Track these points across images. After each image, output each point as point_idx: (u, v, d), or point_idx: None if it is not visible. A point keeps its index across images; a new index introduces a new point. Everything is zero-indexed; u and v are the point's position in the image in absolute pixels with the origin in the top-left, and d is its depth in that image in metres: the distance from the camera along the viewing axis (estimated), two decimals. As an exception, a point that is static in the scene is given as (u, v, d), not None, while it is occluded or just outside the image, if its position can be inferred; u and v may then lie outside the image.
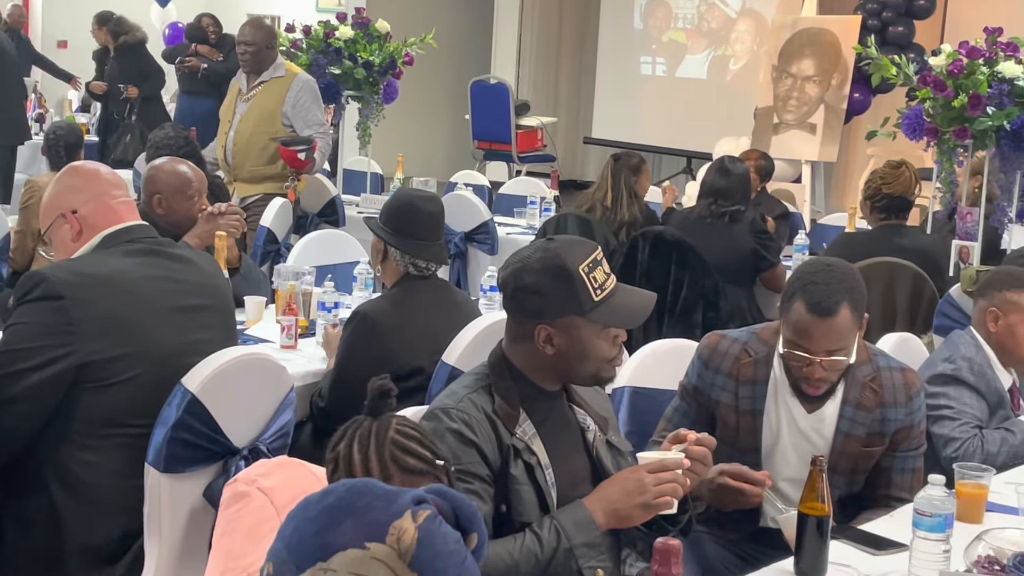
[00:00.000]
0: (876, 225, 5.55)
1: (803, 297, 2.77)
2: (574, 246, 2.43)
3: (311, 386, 3.67)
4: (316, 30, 7.75)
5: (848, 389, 2.89)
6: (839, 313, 2.74)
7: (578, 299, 2.37)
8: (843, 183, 11.38)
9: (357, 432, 1.90)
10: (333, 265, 4.92)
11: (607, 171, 6.26)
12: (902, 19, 9.84)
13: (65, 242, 2.90)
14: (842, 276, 2.81)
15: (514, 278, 2.41)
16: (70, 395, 2.69)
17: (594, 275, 2.39)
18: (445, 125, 13.77)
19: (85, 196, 2.89)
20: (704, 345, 3.04)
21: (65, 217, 2.88)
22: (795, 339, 2.79)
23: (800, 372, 2.83)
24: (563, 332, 2.39)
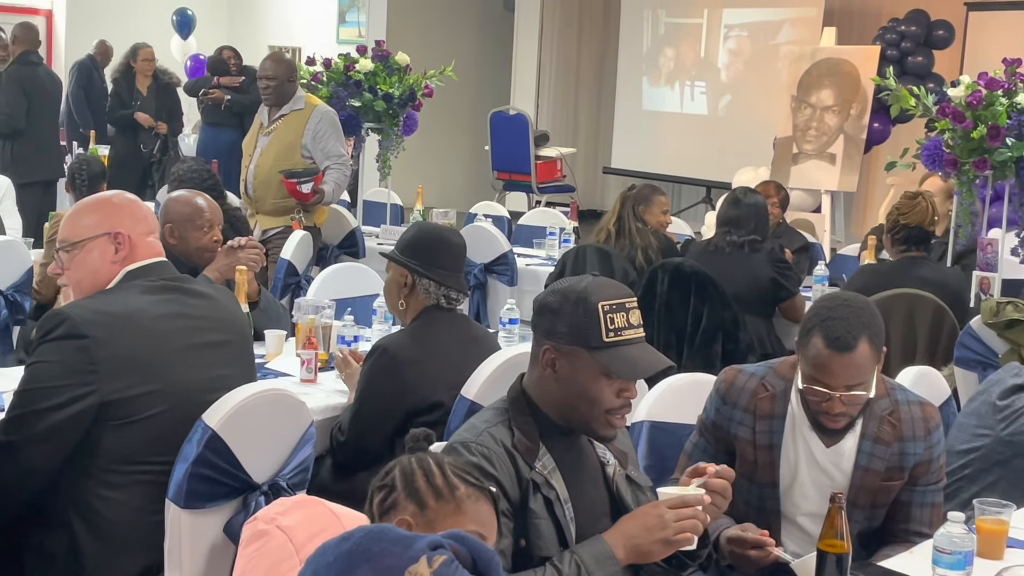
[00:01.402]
0: (897, 257, 5.55)
1: (821, 332, 2.77)
2: (607, 285, 2.46)
3: (331, 420, 3.67)
4: (336, 63, 7.80)
5: (867, 423, 2.89)
6: (858, 348, 2.75)
7: (587, 332, 2.39)
8: (863, 213, 11.36)
9: (413, 458, 2.02)
10: (353, 298, 4.93)
11: (617, 200, 6.32)
12: (921, 49, 9.86)
13: (96, 262, 2.87)
14: (860, 311, 2.81)
15: (542, 296, 2.48)
16: (92, 433, 2.70)
17: (613, 316, 2.40)
18: (465, 156, 13.83)
19: (141, 229, 2.91)
20: (721, 380, 3.04)
21: (115, 238, 2.87)
22: (814, 374, 2.79)
23: (820, 407, 2.83)
24: (566, 360, 2.41)
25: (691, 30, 12.62)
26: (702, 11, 12.48)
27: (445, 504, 1.95)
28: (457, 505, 1.96)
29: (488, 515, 2.00)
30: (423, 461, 2.01)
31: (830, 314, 2.79)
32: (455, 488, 1.96)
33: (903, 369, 3.80)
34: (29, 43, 9.08)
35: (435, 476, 1.98)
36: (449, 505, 1.95)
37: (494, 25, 14.06)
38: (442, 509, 1.95)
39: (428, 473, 1.98)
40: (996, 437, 3.30)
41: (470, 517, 1.96)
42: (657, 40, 12.86)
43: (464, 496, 1.97)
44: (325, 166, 6.43)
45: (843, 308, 2.80)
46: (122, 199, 2.97)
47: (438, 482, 1.97)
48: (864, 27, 11.15)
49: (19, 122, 8.52)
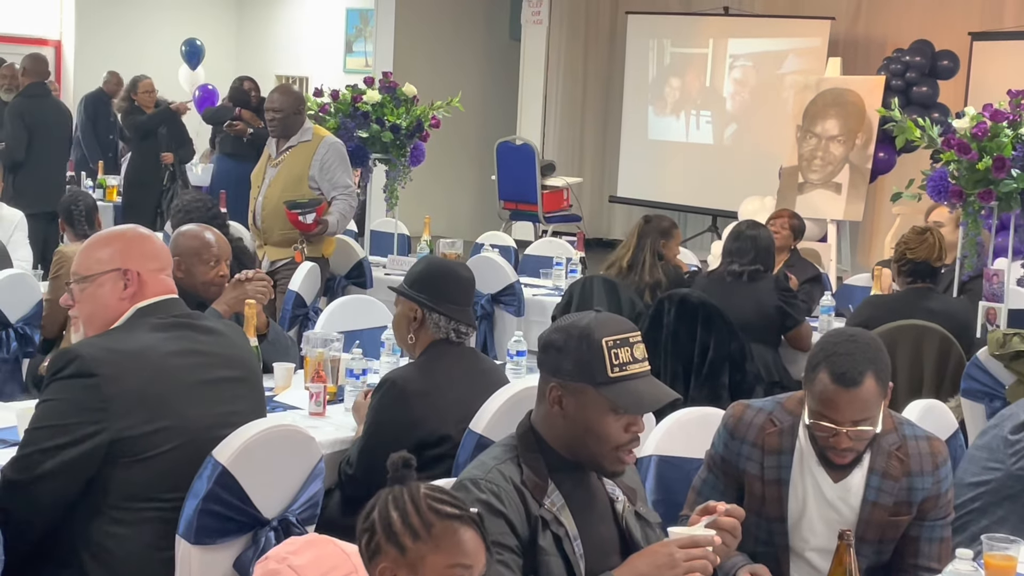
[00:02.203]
0: (904, 288, 5.56)
1: (828, 368, 2.78)
2: (611, 321, 2.47)
3: (340, 453, 3.68)
4: (344, 94, 7.84)
5: (874, 458, 2.89)
6: (864, 383, 2.76)
7: (592, 368, 2.40)
8: (869, 242, 11.38)
9: (389, 496, 1.99)
10: (361, 330, 4.95)
11: (635, 231, 6.30)
12: (926, 79, 9.91)
13: (106, 298, 2.88)
14: (866, 347, 2.82)
15: (548, 333, 2.49)
16: (102, 470, 2.71)
17: (618, 352, 2.41)
18: (471, 186, 13.87)
19: (152, 266, 2.92)
20: (729, 415, 3.05)
21: (124, 274, 2.88)
22: (821, 410, 2.80)
23: (826, 442, 2.83)
24: (573, 397, 2.42)
25: (696, 60, 12.67)
26: (707, 41, 12.54)
27: (423, 544, 1.95)
28: (435, 543, 1.95)
29: (472, 542, 1.98)
30: (399, 500, 1.98)
31: (836, 349, 2.80)
32: (431, 525, 1.95)
33: (910, 401, 3.80)
34: (37, 75, 9.15)
35: (410, 515, 1.96)
36: (427, 544, 1.95)
37: (500, 55, 14.13)
38: (420, 549, 1.95)
39: (403, 513, 1.96)
40: (1007, 471, 3.30)
41: (451, 552, 1.95)
42: (662, 70, 12.91)
43: (441, 533, 1.95)
44: (332, 196, 6.46)
45: (849, 344, 2.81)
46: (135, 235, 2.99)
47: (414, 521, 1.95)
48: (869, 57, 11.20)
49: (19, 154, 8.57)
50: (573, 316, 2.49)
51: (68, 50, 16.98)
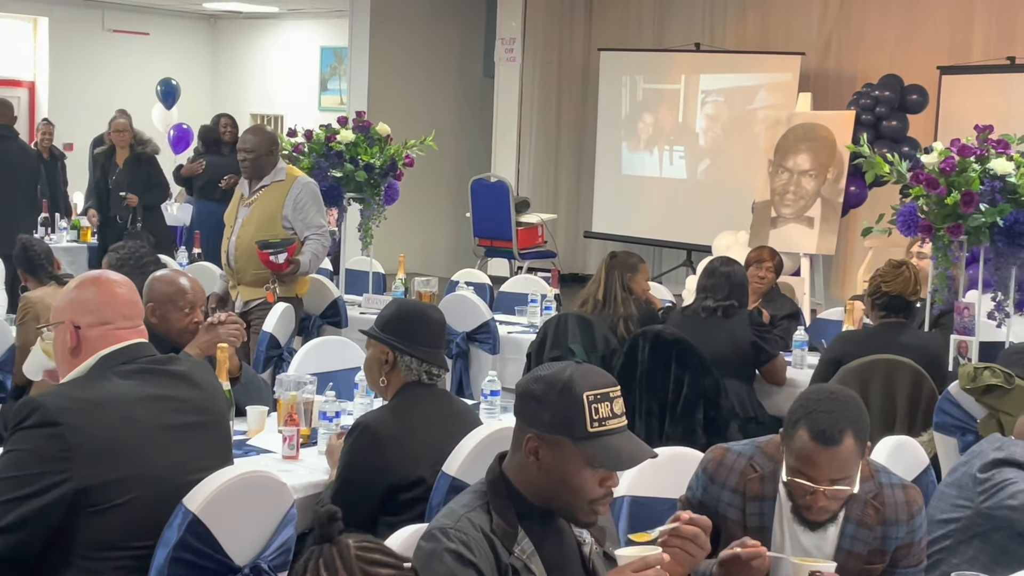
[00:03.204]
0: (877, 322, 5.59)
1: (807, 425, 2.77)
2: (592, 374, 2.46)
3: (313, 497, 3.67)
4: (318, 134, 7.85)
5: (850, 507, 2.89)
6: (843, 442, 2.75)
7: (571, 422, 2.39)
8: (842, 275, 11.44)
9: (320, 558, 1.93)
10: (334, 372, 4.94)
11: (602, 267, 6.35)
12: (896, 114, 10.00)
13: (62, 350, 2.92)
14: (846, 405, 2.81)
15: (526, 382, 2.48)
16: (68, 520, 2.69)
17: (597, 407, 2.40)
18: (446, 223, 13.90)
19: (92, 319, 2.91)
20: (709, 459, 3.03)
21: (67, 328, 2.90)
22: (799, 467, 2.79)
23: (803, 501, 2.82)
24: (550, 449, 2.41)
25: (669, 96, 12.75)
26: (679, 77, 12.63)
27: None
28: None
29: None
30: (328, 560, 1.91)
31: (816, 407, 2.79)
32: None
33: (882, 437, 3.82)
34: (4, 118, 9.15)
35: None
36: None
37: (474, 92, 14.19)
38: None
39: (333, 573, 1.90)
40: (976, 509, 3.31)
41: None
42: (635, 106, 12.99)
43: None
44: (305, 236, 6.46)
45: (829, 402, 2.80)
46: (87, 289, 2.97)
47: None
48: (839, 92, 11.30)
49: None
50: (554, 367, 2.47)
51: (42, 91, 16.98)
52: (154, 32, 17.79)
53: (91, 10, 17.03)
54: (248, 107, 16.53)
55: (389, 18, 13.48)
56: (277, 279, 6.34)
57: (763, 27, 12.47)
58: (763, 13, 12.48)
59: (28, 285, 5.96)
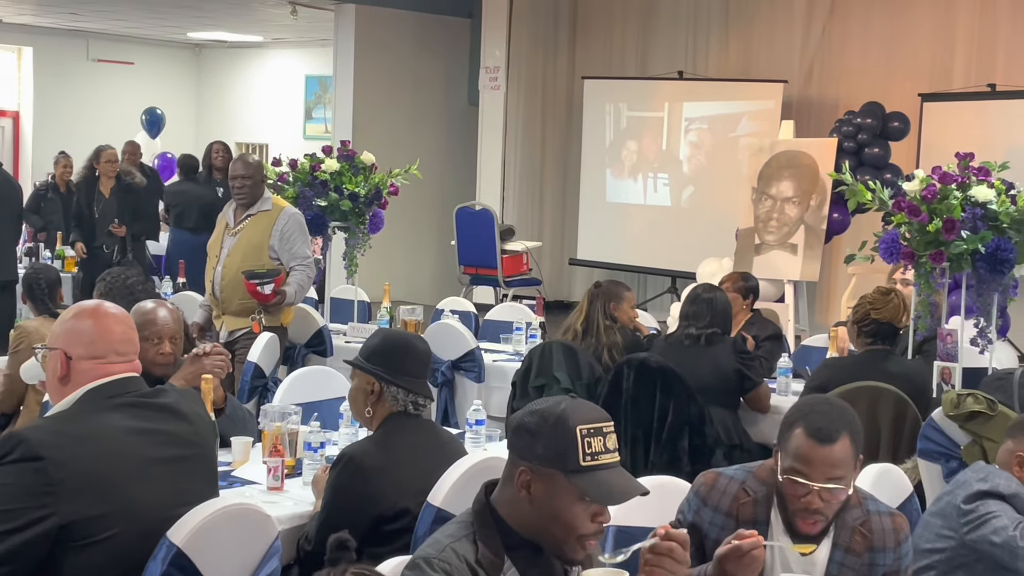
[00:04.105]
0: (863, 350, 5.60)
1: (804, 424, 2.83)
2: (586, 408, 2.46)
3: (298, 528, 3.66)
4: (303, 163, 7.87)
5: (838, 533, 2.92)
6: (839, 441, 2.81)
7: (564, 455, 2.39)
8: (827, 301, 11.48)
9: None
10: (319, 402, 4.94)
11: (585, 296, 6.37)
12: (877, 141, 10.05)
13: (52, 376, 2.93)
14: (842, 410, 2.91)
15: (520, 416, 2.48)
16: (53, 554, 2.69)
17: (590, 440, 2.40)
18: (431, 251, 13.91)
19: (84, 352, 2.91)
20: (701, 483, 3.05)
21: (59, 355, 2.91)
22: (795, 465, 2.83)
23: (797, 503, 2.84)
24: (541, 482, 2.41)
25: (652, 123, 12.80)
26: (663, 104, 12.68)
27: None
28: None
29: None
30: None
31: (813, 409, 2.87)
32: None
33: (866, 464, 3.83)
34: None
35: None
36: None
37: (458, 120, 14.23)
38: None
39: None
40: (960, 540, 3.33)
41: None
42: (619, 133, 13.03)
43: None
44: (290, 267, 6.47)
45: (825, 405, 2.90)
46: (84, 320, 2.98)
47: None
48: (821, 120, 11.36)
49: None
50: (549, 401, 2.47)
51: (26, 120, 16.97)
52: (139, 61, 17.82)
53: (75, 40, 17.05)
54: (233, 136, 16.54)
55: (373, 47, 13.53)
56: (263, 309, 6.34)
57: (746, 55, 12.54)
58: (746, 41, 12.56)
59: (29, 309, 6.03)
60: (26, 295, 5.95)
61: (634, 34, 13.34)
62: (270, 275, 6.30)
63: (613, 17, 13.38)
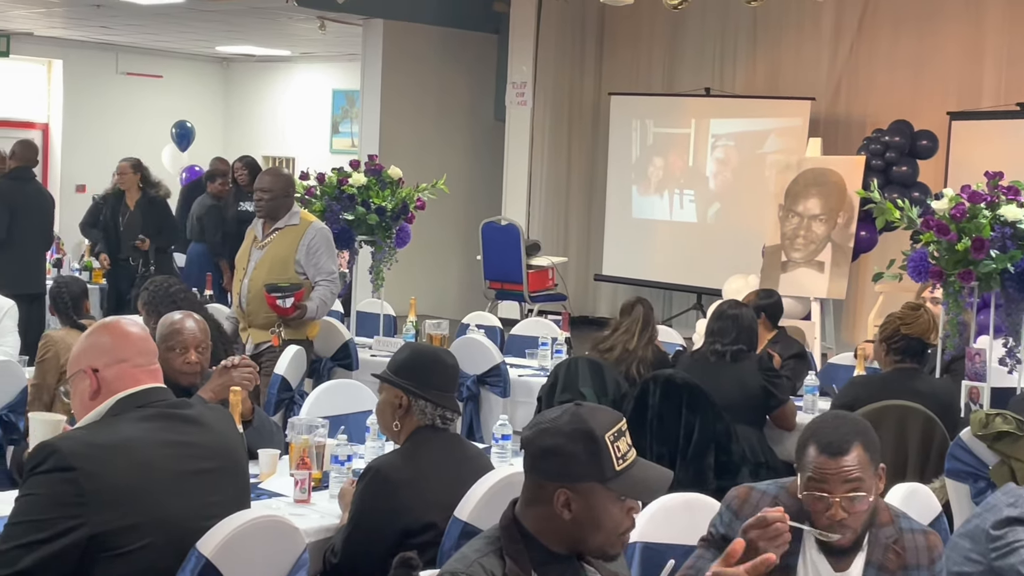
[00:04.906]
0: (890, 368, 5.56)
1: (815, 441, 2.87)
2: (601, 413, 2.47)
3: (325, 541, 3.67)
4: (330, 177, 7.89)
5: (872, 551, 2.93)
6: (851, 451, 2.84)
7: (601, 467, 2.41)
8: (853, 319, 11.43)
9: None
10: (346, 415, 4.95)
11: (638, 315, 6.31)
12: (905, 159, 10.02)
13: (83, 397, 2.94)
14: (853, 422, 2.94)
15: (540, 438, 2.45)
16: (83, 565, 2.70)
17: (618, 444, 2.43)
18: (457, 266, 13.93)
19: (108, 359, 2.93)
20: (734, 496, 3.08)
21: (86, 373, 2.93)
22: (812, 481, 2.86)
23: (823, 518, 2.86)
24: (582, 498, 2.42)
25: (679, 140, 12.81)
26: (690, 121, 12.68)
27: None
28: None
29: None
30: None
31: (822, 426, 2.91)
32: None
33: (894, 483, 3.82)
34: (25, 160, 9.22)
35: None
36: None
37: (485, 136, 14.26)
38: None
39: None
40: (988, 566, 3.31)
41: None
42: (646, 150, 13.04)
43: None
44: (316, 281, 6.48)
45: (834, 419, 2.93)
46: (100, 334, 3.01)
47: None
48: (849, 137, 11.34)
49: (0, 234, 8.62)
50: (561, 417, 2.45)
51: (56, 133, 17.09)
52: (167, 75, 17.93)
53: (105, 53, 17.16)
54: (260, 149, 16.61)
55: (401, 62, 13.58)
56: (283, 323, 6.36)
57: (773, 72, 12.53)
58: (773, 58, 12.55)
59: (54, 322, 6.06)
60: (53, 306, 6.00)
61: (661, 50, 13.35)
62: (290, 289, 6.31)
63: (640, 33, 13.38)
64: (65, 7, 13.77)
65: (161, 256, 10.18)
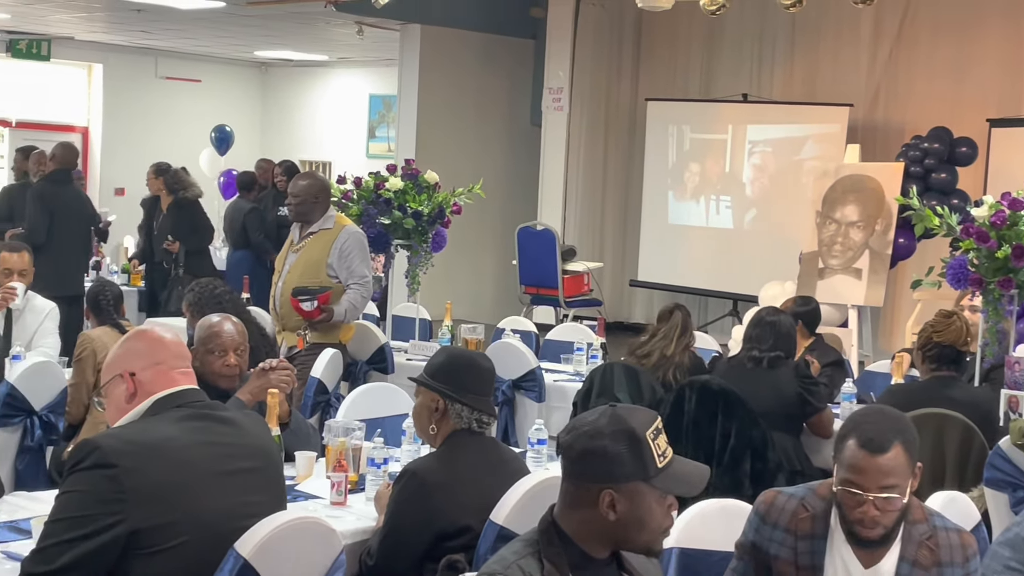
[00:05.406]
0: (927, 376, 5.54)
1: (856, 435, 2.85)
2: (638, 412, 2.49)
3: (361, 543, 3.68)
4: (367, 181, 7.92)
5: (905, 546, 2.92)
6: (891, 450, 2.82)
7: (644, 465, 2.42)
8: (891, 327, 11.36)
9: None
10: (382, 418, 4.96)
11: (676, 321, 6.29)
12: (944, 166, 9.95)
13: (119, 402, 2.97)
14: (895, 419, 2.91)
15: (580, 441, 2.46)
16: (122, 562, 2.71)
17: (658, 442, 2.45)
18: (492, 270, 13.94)
19: (145, 362, 2.96)
20: (761, 501, 3.08)
21: (123, 378, 2.96)
22: (848, 476, 2.85)
23: (854, 514, 2.86)
24: (627, 498, 2.43)
25: (716, 145, 12.77)
26: (727, 127, 12.65)
27: None
28: None
29: None
30: None
31: (865, 420, 2.90)
32: None
33: (932, 492, 3.79)
34: (65, 162, 9.29)
35: None
36: None
37: (521, 140, 14.27)
38: None
39: None
40: None
41: None
42: (682, 155, 13.01)
43: None
44: (348, 284, 6.49)
45: (878, 415, 2.91)
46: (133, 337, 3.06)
47: None
48: (888, 144, 11.27)
49: (39, 237, 8.65)
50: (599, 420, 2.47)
51: (95, 136, 17.25)
52: (206, 79, 18.06)
53: (144, 57, 17.31)
54: (297, 154, 16.69)
55: (438, 67, 13.62)
56: (309, 326, 6.38)
57: (811, 78, 12.48)
58: (811, 64, 12.50)
59: (90, 323, 6.10)
60: (91, 308, 6.01)
61: (698, 56, 13.32)
62: (316, 292, 6.33)
63: (677, 39, 13.36)
64: (106, 11, 13.89)
65: (196, 258, 10.19)
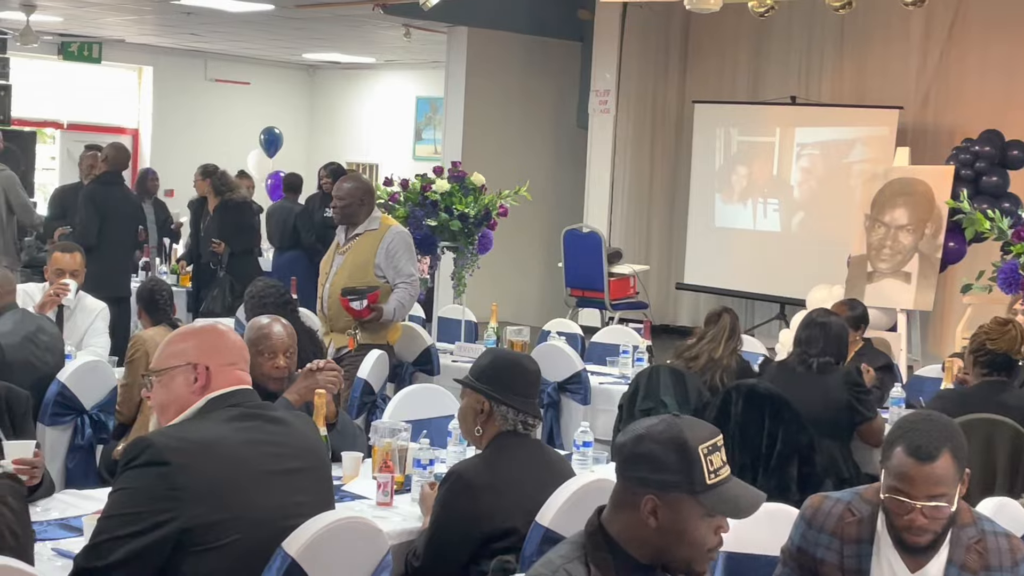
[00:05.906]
0: (978, 381, 5.47)
1: (904, 443, 2.82)
2: (698, 426, 2.46)
3: (406, 544, 3.69)
4: (413, 184, 7.95)
5: (953, 550, 2.90)
6: (940, 458, 2.79)
7: (691, 478, 2.39)
8: (940, 331, 11.25)
9: None
10: (428, 419, 4.98)
11: (725, 324, 6.24)
12: (996, 169, 9.83)
13: (178, 389, 2.97)
14: (944, 426, 2.87)
15: (633, 444, 2.45)
16: (173, 559, 2.74)
17: (711, 458, 2.41)
18: (538, 272, 13.94)
19: (222, 360, 2.99)
20: (807, 506, 3.07)
21: (195, 368, 2.97)
22: (896, 484, 2.82)
23: (901, 521, 2.84)
24: (669, 507, 2.41)
25: (764, 148, 12.71)
26: (774, 130, 12.58)
27: None
28: None
29: None
30: None
31: (913, 427, 2.86)
32: None
33: (982, 499, 3.76)
34: (117, 164, 9.37)
35: None
36: None
37: (567, 142, 14.27)
38: None
39: None
40: None
41: None
42: (729, 158, 12.95)
43: None
44: (395, 283, 6.51)
45: (926, 422, 2.87)
46: (210, 331, 3.09)
47: None
48: (938, 147, 11.15)
49: (90, 238, 8.73)
50: (655, 425, 2.45)
51: (145, 138, 17.42)
52: (255, 81, 18.20)
53: (194, 60, 17.47)
54: (344, 155, 16.78)
55: (484, 69, 13.64)
56: (359, 326, 6.40)
57: (860, 80, 12.38)
58: (860, 66, 12.40)
59: (142, 323, 6.14)
60: (146, 306, 6.04)
61: (746, 58, 13.26)
62: (364, 291, 6.35)
63: (725, 41, 13.30)
64: (156, 14, 14.03)
65: (241, 259, 10.20)
